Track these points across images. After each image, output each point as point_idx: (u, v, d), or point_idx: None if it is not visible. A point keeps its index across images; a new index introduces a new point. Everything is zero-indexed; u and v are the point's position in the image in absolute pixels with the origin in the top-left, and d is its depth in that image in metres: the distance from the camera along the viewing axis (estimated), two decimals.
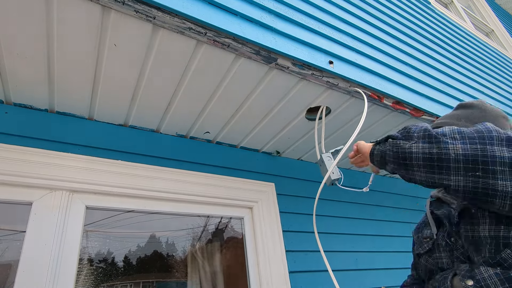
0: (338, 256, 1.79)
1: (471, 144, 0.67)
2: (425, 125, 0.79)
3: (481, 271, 0.70)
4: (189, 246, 1.82)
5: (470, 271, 0.73)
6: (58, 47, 1.05)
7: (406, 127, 0.83)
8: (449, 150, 0.69)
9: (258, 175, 1.79)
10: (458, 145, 0.68)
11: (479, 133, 0.69)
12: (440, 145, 0.71)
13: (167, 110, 1.44)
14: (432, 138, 0.73)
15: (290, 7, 1.35)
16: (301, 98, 1.43)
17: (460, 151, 0.68)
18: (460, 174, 0.68)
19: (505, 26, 5.02)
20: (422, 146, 0.74)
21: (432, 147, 0.72)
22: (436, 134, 0.73)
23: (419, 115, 1.65)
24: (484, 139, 0.67)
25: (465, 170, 0.67)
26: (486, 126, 0.70)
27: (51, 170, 1.22)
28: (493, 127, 0.69)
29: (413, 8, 2.53)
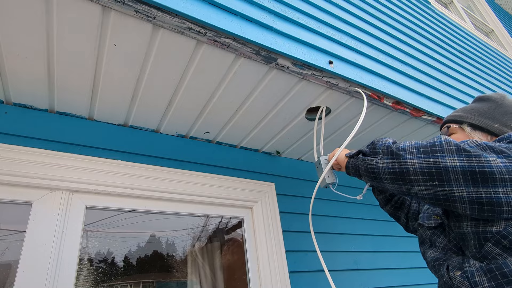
0: (338, 256, 1.79)
1: (425, 158, 0.75)
2: (388, 141, 0.88)
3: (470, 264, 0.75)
4: (189, 246, 1.82)
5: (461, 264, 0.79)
6: (58, 47, 1.05)
7: (374, 142, 0.93)
8: (408, 165, 0.77)
9: (258, 175, 1.79)
10: (415, 159, 0.76)
11: (432, 147, 0.76)
12: (400, 160, 0.79)
13: (167, 110, 1.44)
14: (394, 154, 0.82)
15: (290, 7, 1.35)
16: (301, 98, 1.43)
17: (416, 165, 0.76)
18: (421, 185, 0.76)
19: (505, 26, 5.02)
20: (386, 162, 0.83)
21: (394, 162, 0.81)
22: (396, 150, 0.82)
23: (419, 115, 1.65)
24: (436, 152, 0.74)
25: (424, 181, 0.75)
26: (440, 140, 0.77)
27: (51, 170, 1.22)
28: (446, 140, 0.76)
29: (413, 8, 2.53)
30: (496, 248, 0.71)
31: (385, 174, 0.83)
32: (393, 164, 0.80)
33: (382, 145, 0.87)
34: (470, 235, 0.77)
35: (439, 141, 0.76)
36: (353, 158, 0.98)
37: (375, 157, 0.87)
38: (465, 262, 0.77)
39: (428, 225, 0.99)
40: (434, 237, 0.94)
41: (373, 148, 0.90)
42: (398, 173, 0.79)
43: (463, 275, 0.74)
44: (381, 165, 0.84)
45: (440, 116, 1.71)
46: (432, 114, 1.68)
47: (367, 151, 0.92)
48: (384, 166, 0.83)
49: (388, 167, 0.81)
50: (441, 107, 1.79)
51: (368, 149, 0.92)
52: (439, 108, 1.77)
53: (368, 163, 0.88)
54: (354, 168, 0.97)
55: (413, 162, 0.76)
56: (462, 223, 0.80)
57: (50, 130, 1.31)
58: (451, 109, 1.87)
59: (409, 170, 0.77)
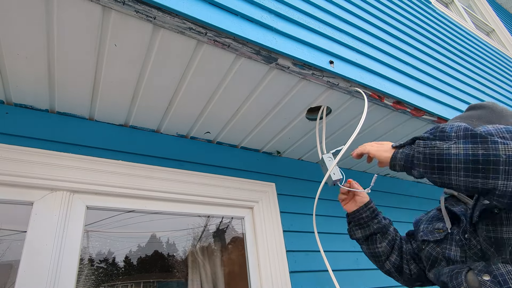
0: (339, 256, 1.79)
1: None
2: (464, 123, 0.72)
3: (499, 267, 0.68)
4: (190, 246, 1.83)
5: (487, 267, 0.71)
6: (59, 48, 1.05)
7: (438, 127, 0.76)
8: (499, 151, 0.63)
9: (259, 175, 1.79)
10: (511, 146, 0.62)
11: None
12: (488, 145, 0.64)
13: (167, 110, 1.44)
14: (477, 137, 0.66)
15: (290, 7, 1.35)
16: (302, 98, 1.43)
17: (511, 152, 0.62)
18: (509, 179, 0.62)
19: (506, 25, 5.01)
20: (464, 147, 0.67)
21: (478, 147, 0.65)
22: (481, 133, 0.67)
23: (420, 115, 1.64)
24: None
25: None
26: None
27: (51, 170, 1.23)
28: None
29: (414, 8, 2.53)
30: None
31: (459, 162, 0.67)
32: (476, 149, 0.65)
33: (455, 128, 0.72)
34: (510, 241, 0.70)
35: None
36: (405, 147, 0.82)
37: (446, 142, 0.71)
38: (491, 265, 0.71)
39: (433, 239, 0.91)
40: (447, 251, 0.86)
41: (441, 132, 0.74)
42: (481, 161, 0.64)
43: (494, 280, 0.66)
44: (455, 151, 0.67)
45: (441, 116, 1.71)
46: (432, 114, 1.68)
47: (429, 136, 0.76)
48: (460, 153, 0.67)
49: (467, 154, 0.66)
50: (442, 107, 1.79)
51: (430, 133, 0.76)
52: (440, 107, 1.76)
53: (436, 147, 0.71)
54: (404, 159, 0.81)
55: (507, 147, 0.62)
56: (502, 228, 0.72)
57: (50, 130, 1.31)
58: (452, 108, 1.87)
59: (499, 157, 0.62)
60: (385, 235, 1.12)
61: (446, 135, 0.72)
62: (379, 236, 1.12)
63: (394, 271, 1.10)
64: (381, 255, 1.11)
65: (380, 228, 1.12)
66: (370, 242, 1.14)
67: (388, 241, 1.11)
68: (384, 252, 1.10)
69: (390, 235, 1.12)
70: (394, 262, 1.09)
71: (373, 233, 1.13)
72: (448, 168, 0.69)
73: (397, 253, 1.10)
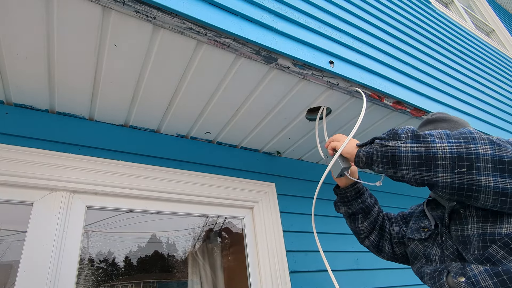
0: (339, 256, 1.79)
1: (456, 143, 0.73)
2: (411, 127, 0.84)
3: (472, 268, 0.73)
4: (190, 246, 1.83)
5: (462, 268, 0.76)
6: (59, 48, 1.05)
7: (393, 129, 0.88)
8: (437, 149, 0.74)
9: (259, 175, 1.79)
10: (445, 144, 0.73)
11: (463, 134, 0.74)
12: (428, 144, 0.75)
13: (167, 111, 1.44)
14: (420, 138, 0.78)
15: (290, 7, 1.35)
16: (302, 98, 1.43)
17: (447, 149, 0.73)
18: (447, 172, 0.72)
19: (506, 25, 5.02)
20: (410, 146, 0.78)
21: (420, 146, 0.76)
22: (424, 134, 0.78)
23: (420, 115, 1.65)
24: (467, 139, 0.73)
25: (452, 167, 0.71)
26: (469, 130, 0.76)
27: (51, 171, 1.23)
28: (475, 130, 0.76)
29: (414, 8, 2.53)
30: (501, 251, 0.69)
31: (407, 158, 0.78)
32: (419, 148, 0.76)
33: (404, 130, 0.83)
34: (475, 237, 0.75)
35: (468, 131, 0.75)
36: (366, 146, 0.93)
37: (396, 141, 0.82)
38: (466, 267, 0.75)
39: (418, 238, 0.98)
40: (428, 250, 0.92)
41: (394, 133, 0.85)
42: (423, 157, 0.75)
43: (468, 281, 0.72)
44: (404, 149, 0.79)
45: None
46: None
47: (384, 137, 0.88)
48: (408, 150, 0.78)
49: (413, 151, 0.77)
50: (442, 107, 1.79)
51: (386, 135, 0.88)
52: (440, 107, 1.77)
53: (389, 146, 0.83)
54: (365, 156, 0.91)
55: (443, 146, 0.73)
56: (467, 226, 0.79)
57: (50, 131, 1.31)
58: (452, 108, 1.87)
59: (437, 154, 0.73)
60: (367, 216, 1.18)
61: (397, 136, 0.84)
62: (361, 217, 1.18)
63: (372, 248, 1.19)
64: (361, 233, 1.19)
65: (362, 209, 1.17)
66: (352, 220, 1.21)
67: (370, 222, 1.17)
68: (364, 232, 1.18)
69: (372, 215, 1.18)
70: (373, 241, 1.17)
71: (355, 213, 1.19)
72: (399, 164, 0.80)
73: (377, 233, 1.17)
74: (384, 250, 1.15)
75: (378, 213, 1.19)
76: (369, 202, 1.18)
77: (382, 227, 1.17)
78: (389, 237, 1.15)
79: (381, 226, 1.17)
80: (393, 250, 1.13)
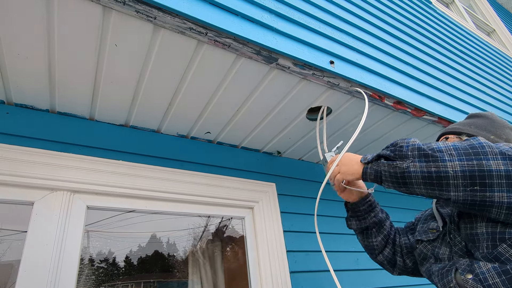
0: (339, 256, 1.79)
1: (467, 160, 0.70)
2: (416, 141, 0.81)
3: (480, 266, 0.73)
4: (190, 246, 1.83)
5: (470, 265, 0.76)
6: (59, 48, 1.05)
7: (396, 144, 0.85)
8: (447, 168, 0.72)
9: (259, 175, 1.79)
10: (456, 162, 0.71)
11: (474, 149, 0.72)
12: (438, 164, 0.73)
13: (168, 111, 1.44)
14: (429, 157, 0.75)
15: (291, 7, 1.35)
16: (302, 98, 1.43)
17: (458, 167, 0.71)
18: (459, 190, 0.71)
19: (507, 25, 5.01)
20: (419, 165, 0.76)
21: (430, 166, 0.74)
22: (432, 152, 0.75)
23: (420, 115, 1.64)
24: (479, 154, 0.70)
25: (464, 186, 0.70)
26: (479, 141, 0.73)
27: (52, 171, 1.23)
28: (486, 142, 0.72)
29: (414, 8, 2.52)
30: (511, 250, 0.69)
31: (417, 178, 0.76)
32: (429, 167, 0.74)
33: (410, 146, 0.80)
34: (484, 235, 0.75)
35: (479, 143, 0.72)
36: (372, 163, 0.90)
37: (404, 161, 0.79)
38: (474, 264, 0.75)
39: (426, 239, 0.97)
40: (436, 249, 0.92)
41: (399, 151, 0.82)
42: (434, 177, 0.73)
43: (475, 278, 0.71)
44: (413, 169, 0.76)
45: (441, 116, 1.71)
46: (433, 114, 1.67)
47: (390, 154, 0.84)
48: (417, 170, 0.76)
49: (423, 171, 0.75)
50: (443, 107, 1.79)
51: (391, 151, 0.84)
52: (441, 108, 1.76)
53: (397, 167, 0.80)
54: (374, 173, 0.89)
55: (454, 164, 0.71)
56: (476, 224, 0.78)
57: (51, 130, 1.31)
58: (453, 108, 1.87)
59: (448, 174, 0.71)
60: (380, 230, 1.16)
61: (403, 154, 0.81)
62: (375, 231, 1.16)
63: (386, 264, 1.16)
64: (375, 248, 1.16)
65: (376, 223, 1.15)
66: (366, 235, 1.18)
67: (384, 236, 1.15)
68: (379, 246, 1.15)
69: (385, 230, 1.16)
70: (387, 256, 1.15)
71: (369, 227, 1.16)
72: (410, 183, 0.79)
73: (390, 247, 1.15)
74: (397, 264, 1.13)
75: (390, 227, 1.18)
76: (382, 216, 1.16)
77: (394, 242, 1.16)
78: (399, 250, 1.13)
79: (393, 241, 1.16)
80: (405, 262, 1.11)
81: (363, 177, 0.95)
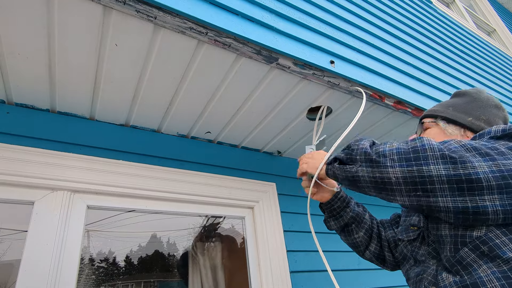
0: (340, 256, 1.79)
1: (407, 166, 0.69)
2: (365, 145, 0.81)
3: (443, 278, 0.72)
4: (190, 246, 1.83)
5: (435, 277, 0.75)
6: (60, 47, 1.05)
7: (350, 147, 0.86)
8: (389, 174, 0.71)
9: (259, 175, 1.79)
10: (396, 168, 0.71)
11: (415, 153, 0.70)
12: (381, 169, 0.73)
13: (168, 110, 1.44)
14: (373, 162, 0.76)
15: (291, 7, 1.35)
16: (302, 98, 1.43)
17: (398, 173, 0.70)
18: (403, 195, 0.71)
19: (507, 25, 5.01)
20: (366, 171, 0.77)
21: (375, 171, 0.75)
22: (376, 157, 0.75)
23: (421, 114, 1.64)
24: (419, 159, 0.68)
25: (407, 192, 0.70)
26: (422, 143, 0.70)
27: (52, 170, 1.23)
28: (430, 144, 0.70)
29: (415, 8, 2.52)
30: (472, 254, 0.67)
31: (366, 182, 0.77)
32: (374, 173, 0.75)
33: (359, 151, 0.81)
34: (447, 238, 0.74)
35: (421, 144, 0.70)
36: (331, 165, 0.91)
37: (354, 165, 0.81)
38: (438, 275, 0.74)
39: (407, 238, 0.95)
40: (416, 250, 0.90)
41: (350, 154, 0.83)
42: (379, 182, 0.74)
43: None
44: (361, 174, 0.78)
45: None
46: None
47: (343, 157, 0.86)
48: (365, 175, 0.77)
49: (369, 176, 0.76)
50: None
51: (345, 154, 0.86)
52: None
53: (348, 171, 0.82)
54: (332, 175, 0.91)
55: (395, 171, 0.70)
56: (440, 225, 0.77)
57: (51, 130, 1.31)
58: None
59: (391, 180, 0.71)
60: (360, 224, 1.13)
61: (353, 158, 0.82)
62: (354, 226, 1.13)
63: (375, 260, 1.12)
64: (359, 245, 1.13)
65: (353, 218, 1.12)
66: (347, 233, 1.15)
67: (365, 230, 1.12)
68: (362, 242, 1.12)
69: (366, 223, 1.13)
70: (374, 252, 1.11)
71: (348, 224, 1.13)
72: (362, 187, 0.80)
73: (376, 241, 1.11)
74: (386, 259, 1.10)
75: (371, 220, 1.15)
76: (358, 210, 1.14)
77: (379, 236, 1.12)
78: (386, 244, 1.10)
79: (378, 235, 1.12)
80: (394, 256, 1.08)
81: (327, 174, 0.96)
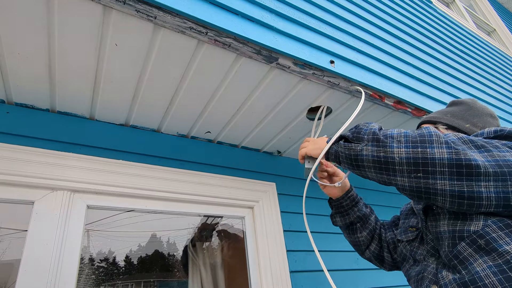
0: (339, 256, 1.79)
1: (413, 147, 0.73)
2: (374, 127, 0.84)
3: (443, 276, 0.74)
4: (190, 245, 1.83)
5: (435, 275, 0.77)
6: (59, 47, 1.05)
7: (358, 126, 0.87)
8: (394, 154, 0.74)
9: (259, 174, 1.79)
10: (402, 149, 0.74)
11: (421, 137, 0.73)
12: (386, 149, 0.76)
13: (168, 110, 1.44)
14: (380, 142, 0.78)
15: (291, 7, 1.35)
16: (302, 98, 1.43)
17: (403, 154, 0.73)
18: (404, 176, 0.73)
19: (507, 25, 5.01)
20: (371, 150, 0.79)
21: (380, 150, 0.77)
22: (383, 137, 0.78)
23: (421, 114, 1.64)
24: (425, 142, 0.72)
25: (408, 172, 0.72)
26: (429, 131, 0.74)
27: (52, 170, 1.23)
28: (435, 131, 0.74)
29: (415, 7, 2.52)
30: (469, 248, 0.69)
31: (368, 162, 0.79)
32: (378, 152, 0.77)
33: (367, 130, 0.83)
34: (446, 234, 0.76)
35: (428, 132, 0.74)
36: (335, 144, 0.93)
37: (359, 143, 0.82)
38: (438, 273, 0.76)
39: (406, 239, 0.97)
40: (414, 249, 0.92)
41: (357, 133, 0.85)
42: (382, 162, 0.76)
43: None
44: (365, 153, 0.79)
45: None
46: None
47: (349, 136, 0.87)
48: (369, 154, 0.79)
49: (373, 155, 0.78)
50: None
51: (351, 133, 0.87)
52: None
53: (352, 149, 0.83)
54: (334, 154, 0.92)
55: (400, 151, 0.73)
56: (439, 222, 0.79)
57: (51, 130, 1.31)
58: None
59: (394, 160, 0.74)
60: (365, 225, 1.16)
61: (360, 137, 0.83)
62: (359, 226, 1.16)
63: (374, 260, 1.16)
64: (361, 244, 1.17)
65: (360, 218, 1.16)
66: (351, 231, 1.19)
67: (369, 231, 1.16)
68: (364, 242, 1.16)
69: (370, 224, 1.17)
70: (374, 251, 1.15)
71: (353, 222, 1.17)
72: (363, 167, 0.82)
73: (376, 242, 1.15)
74: (385, 260, 1.14)
75: (376, 222, 1.18)
76: (366, 211, 1.17)
77: (380, 237, 1.16)
78: (386, 245, 1.13)
79: (379, 236, 1.16)
80: (392, 257, 1.11)
81: (326, 155, 0.97)
